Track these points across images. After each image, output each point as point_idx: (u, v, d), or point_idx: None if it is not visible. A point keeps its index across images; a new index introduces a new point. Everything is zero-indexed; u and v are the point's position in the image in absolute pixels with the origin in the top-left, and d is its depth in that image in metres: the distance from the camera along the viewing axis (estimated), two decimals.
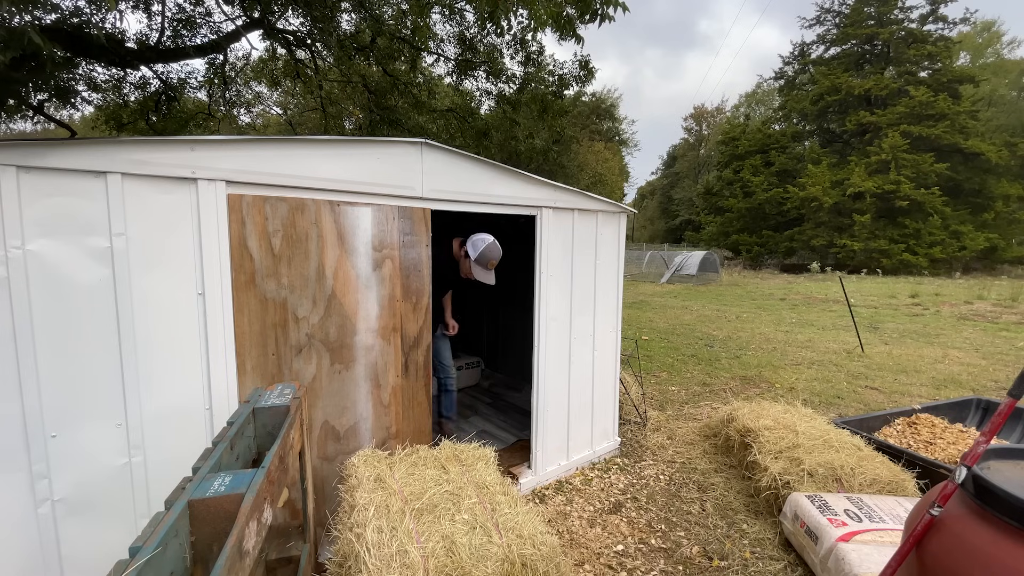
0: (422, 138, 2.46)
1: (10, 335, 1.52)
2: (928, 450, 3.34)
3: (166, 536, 0.89)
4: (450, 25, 7.92)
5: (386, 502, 1.61)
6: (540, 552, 1.41)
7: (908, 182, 22.82)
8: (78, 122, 11.46)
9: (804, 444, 3.04)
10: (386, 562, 1.33)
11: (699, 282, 18.92)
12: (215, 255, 1.89)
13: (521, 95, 8.44)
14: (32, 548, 1.60)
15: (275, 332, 2.11)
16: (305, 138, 2.11)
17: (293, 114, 15.33)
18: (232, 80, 8.94)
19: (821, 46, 29.93)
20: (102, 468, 1.71)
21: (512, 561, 1.35)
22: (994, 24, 33.19)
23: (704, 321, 10.20)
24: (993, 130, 26.11)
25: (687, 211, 44.15)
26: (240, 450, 1.41)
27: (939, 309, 11.77)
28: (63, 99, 5.77)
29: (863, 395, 5.28)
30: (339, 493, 1.91)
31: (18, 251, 1.52)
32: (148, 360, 1.77)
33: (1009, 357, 6.97)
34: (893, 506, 2.51)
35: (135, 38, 6.80)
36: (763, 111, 41.36)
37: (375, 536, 1.42)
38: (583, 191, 3.25)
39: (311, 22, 7.13)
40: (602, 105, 28.58)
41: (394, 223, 2.43)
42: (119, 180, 1.66)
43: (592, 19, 5.43)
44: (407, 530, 1.46)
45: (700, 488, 3.28)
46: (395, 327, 2.50)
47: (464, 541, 1.40)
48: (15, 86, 4.44)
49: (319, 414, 2.30)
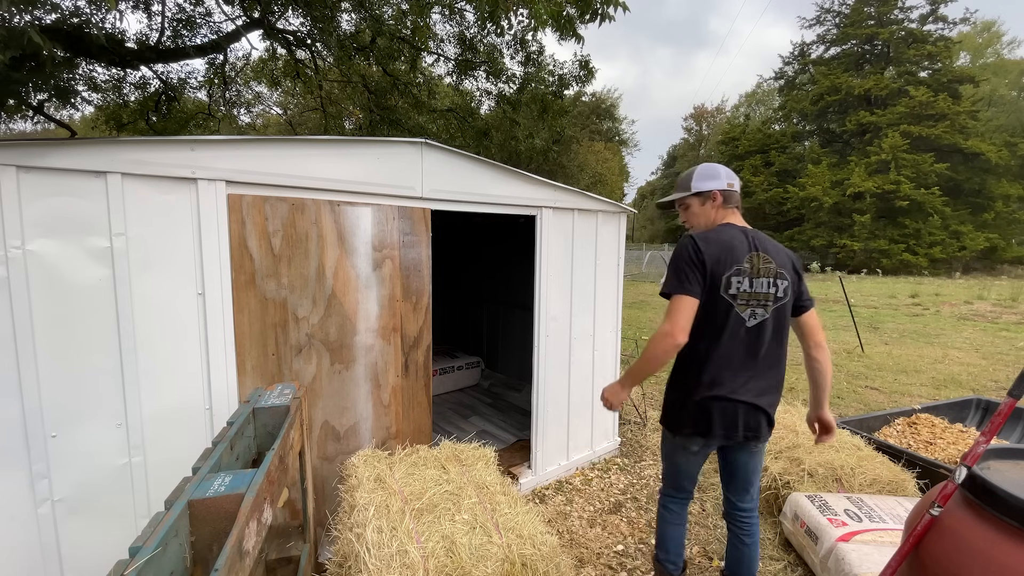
0: (422, 138, 2.46)
1: (10, 335, 1.52)
2: (928, 450, 3.34)
3: (166, 536, 0.89)
4: (450, 25, 7.92)
5: (386, 502, 1.62)
6: (540, 552, 1.41)
7: (908, 182, 22.83)
8: (78, 122, 11.46)
9: (804, 444, 3.04)
10: (386, 562, 1.32)
11: None
12: (215, 255, 1.89)
13: (521, 95, 8.43)
14: (32, 548, 1.60)
15: (275, 332, 2.11)
16: (305, 138, 2.11)
17: (293, 114, 15.31)
18: (232, 80, 8.94)
19: (821, 46, 29.98)
20: (102, 468, 1.71)
21: (512, 561, 1.35)
22: (994, 24, 33.19)
23: None
24: (993, 130, 26.11)
25: None
26: (240, 450, 1.41)
27: (939, 309, 11.77)
28: (63, 99, 5.76)
29: (863, 395, 5.28)
30: (339, 493, 1.92)
31: (18, 251, 1.52)
32: (148, 360, 1.77)
33: (1009, 357, 6.97)
34: (893, 506, 2.51)
35: (135, 38, 6.79)
36: (763, 111, 41.34)
37: (375, 536, 1.41)
38: (583, 191, 3.25)
39: (311, 22, 7.13)
40: (602, 105, 28.55)
41: (394, 223, 2.43)
42: (119, 180, 1.66)
43: (592, 19, 5.43)
44: (407, 530, 1.46)
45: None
46: (395, 327, 2.50)
47: (464, 541, 1.40)
48: (15, 86, 4.43)
49: (319, 414, 2.30)
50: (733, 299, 1.71)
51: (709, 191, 1.86)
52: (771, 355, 1.80)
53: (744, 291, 1.72)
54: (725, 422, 1.76)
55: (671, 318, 1.66)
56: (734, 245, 1.75)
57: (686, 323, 1.66)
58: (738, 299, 1.72)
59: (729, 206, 1.87)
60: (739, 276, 1.72)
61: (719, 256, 1.71)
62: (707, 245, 1.73)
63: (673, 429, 1.88)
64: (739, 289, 1.72)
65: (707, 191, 1.87)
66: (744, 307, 1.73)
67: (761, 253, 1.77)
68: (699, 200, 1.89)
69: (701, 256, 1.71)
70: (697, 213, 1.91)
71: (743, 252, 1.75)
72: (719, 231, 1.79)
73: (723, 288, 1.70)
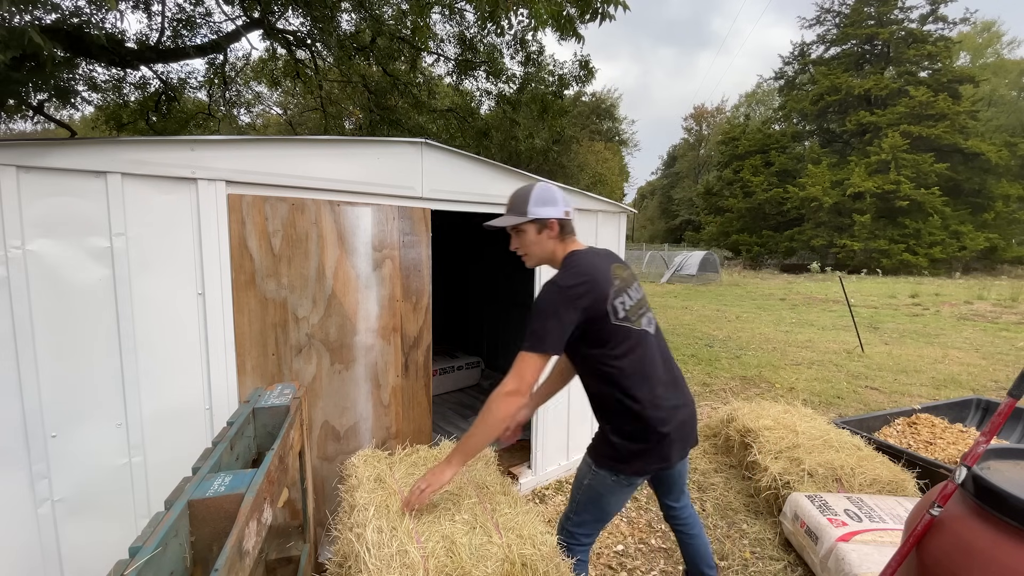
0: (422, 138, 2.46)
1: (10, 335, 1.52)
2: (928, 450, 3.34)
3: (166, 536, 0.89)
4: (450, 25, 7.92)
5: (386, 502, 1.61)
6: (540, 552, 1.40)
7: (908, 182, 22.83)
8: (78, 122, 11.46)
9: (804, 444, 3.04)
10: (386, 562, 1.32)
11: (699, 282, 18.92)
12: (215, 255, 1.89)
13: (521, 95, 8.43)
14: (32, 548, 1.60)
15: (275, 332, 2.11)
16: (305, 138, 2.11)
17: (293, 114, 15.32)
18: (232, 80, 8.94)
19: (821, 46, 29.99)
20: (102, 468, 1.71)
21: (512, 561, 1.35)
22: (994, 24, 33.22)
23: (704, 321, 10.20)
24: (993, 130, 26.13)
25: (687, 211, 44.18)
26: (240, 450, 1.41)
27: (939, 309, 11.77)
28: (63, 99, 5.76)
29: (863, 395, 5.28)
30: (339, 493, 1.92)
31: (18, 251, 1.52)
32: (148, 360, 1.77)
33: (1009, 357, 6.97)
34: (893, 506, 2.51)
35: (135, 38, 6.80)
36: (763, 111, 41.36)
37: (375, 536, 1.41)
38: (583, 191, 3.25)
39: (311, 22, 7.13)
40: (602, 105, 28.58)
41: (394, 223, 2.43)
42: (119, 180, 1.66)
43: (593, 18, 5.43)
44: (407, 530, 1.46)
45: (700, 488, 3.28)
46: (395, 327, 2.50)
47: (464, 541, 1.40)
48: (15, 86, 4.44)
49: (319, 414, 2.30)
50: (628, 320, 1.59)
51: (546, 219, 1.65)
52: (668, 352, 1.74)
53: (631, 306, 1.63)
54: (682, 444, 1.68)
55: (521, 376, 1.47)
56: (598, 266, 1.61)
57: (534, 382, 1.49)
58: (631, 316, 1.61)
59: (570, 235, 1.71)
60: (619, 296, 1.60)
61: (594, 289, 1.54)
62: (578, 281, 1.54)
63: (626, 471, 1.64)
64: (626, 307, 1.61)
65: (544, 219, 1.65)
66: (638, 320, 1.63)
67: (615, 263, 1.69)
68: (535, 227, 1.66)
69: (576, 299, 1.51)
70: (533, 242, 1.68)
71: (607, 270, 1.62)
72: (577, 261, 1.62)
73: (614, 316, 1.56)
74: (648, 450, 1.62)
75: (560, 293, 1.52)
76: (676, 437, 1.64)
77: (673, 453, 1.65)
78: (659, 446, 1.61)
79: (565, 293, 1.52)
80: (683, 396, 1.71)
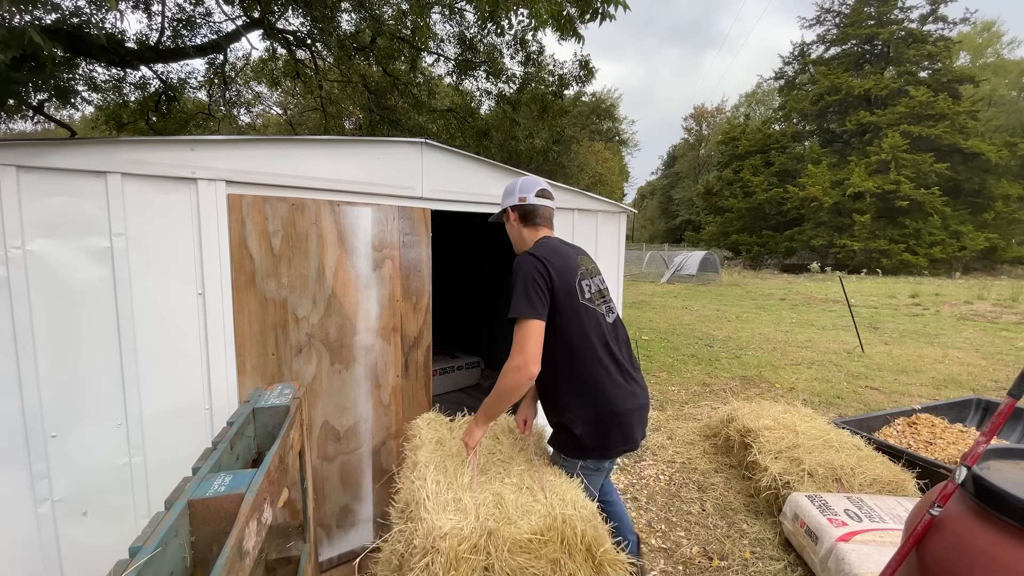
0: (422, 138, 2.46)
1: (10, 335, 1.52)
2: (928, 450, 3.34)
3: (166, 536, 0.89)
4: (450, 25, 7.93)
5: (444, 462, 1.82)
6: (580, 513, 1.53)
7: (908, 182, 22.82)
8: (78, 122, 11.46)
9: (804, 444, 3.04)
10: (442, 506, 1.52)
11: (699, 282, 18.92)
12: (215, 255, 1.89)
13: (521, 95, 8.44)
14: (32, 548, 1.60)
15: (275, 332, 2.11)
16: (305, 138, 2.11)
17: (293, 114, 15.32)
18: (232, 80, 8.94)
19: (821, 46, 29.97)
20: (102, 468, 1.71)
21: (554, 516, 1.50)
22: (994, 24, 33.21)
23: (704, 321, 10.20)
24: (993, 130, 26.12)
25: (687, 211, 44.18)
26: (240, 450, 1.41)
27: (939, 309, 11.77)
28: (63, 99, 5.76)
29: (863, 395, 5.28)
30: (403, 451, 2.16)
31: (18, 251, 1.52)
32: (148, 360, 1.77)
33: (1009, 357, 6.97)
34: (893, 506, 2.51)
35: (135, 38, 6.80)
36: (763, 111, 41.36)
37: (434, 487, 1.62)
38: (583, 191, 3.25)
39: (311, 22, 7.13)
40: (602, 105, 28.59)
41: (394, 223, 2.43)
42: (119, 180, 1.66)
43: (593, 18, 5.44)
44: (462, 484, 1.65)
45: (700, 488, 3.28)
46: (395, 327, 2.50)
47: (512, 497, 1.57)
48: (15, 86, 4.44)
49: (319, 414, 2.30)
50: (591, 303, 1.69)
51: (505, 208, 1.84)
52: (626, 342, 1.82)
53: (594, 292, 1.73)
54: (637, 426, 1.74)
55: (522, 349, 1.55)
56: (567, 252, 1.73)
57: (537, 351, 1.55)
58: (595, 301, 1.71)
59: (533, 223, 1.82)
60: (585, 279, 1.71)
61: (563, 265, 1.66)
62: (549, 255, 1.66)
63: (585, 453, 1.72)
64: (591, 291, 1.71)
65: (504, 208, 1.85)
66: (600, 306, 1.73)
67: (582, 255, 1.80)
68: (508, 217, 1.86)
69: (548, 270, 1.62)
70: (510, 230, 1.88)
71: (575, 256, 1.74)
72: (545, 244, 1.74)
73: (580, 295, 1.66)
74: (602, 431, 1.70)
75: (535, 260, 1.64)
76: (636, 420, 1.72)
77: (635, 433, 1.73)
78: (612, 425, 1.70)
79: (540, 261, 1.63)
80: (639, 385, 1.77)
